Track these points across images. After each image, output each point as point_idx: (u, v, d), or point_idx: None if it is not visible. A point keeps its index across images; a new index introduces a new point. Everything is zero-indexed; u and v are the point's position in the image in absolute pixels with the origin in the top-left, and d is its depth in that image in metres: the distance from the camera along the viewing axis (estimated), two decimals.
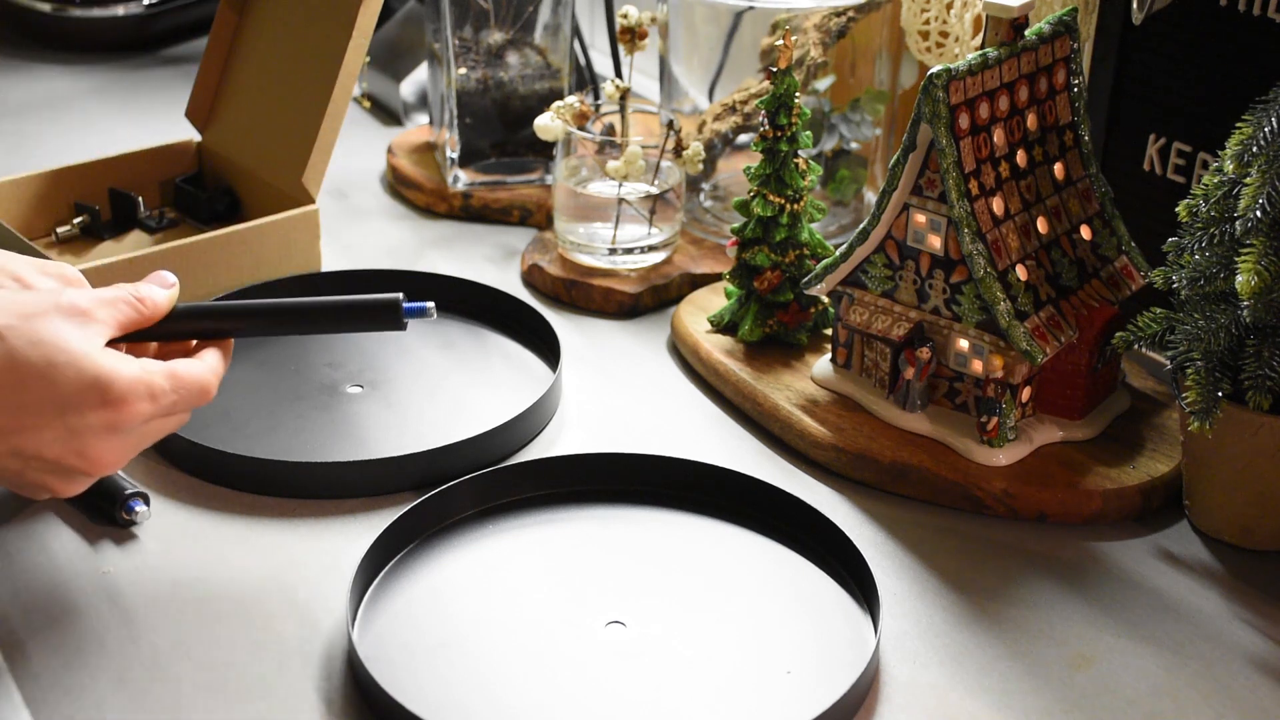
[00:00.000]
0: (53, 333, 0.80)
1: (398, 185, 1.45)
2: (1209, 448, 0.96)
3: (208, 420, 1.06)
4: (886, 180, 1.02)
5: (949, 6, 1.27)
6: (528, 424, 1.06)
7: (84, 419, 0.80)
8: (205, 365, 0.86)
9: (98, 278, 1.14)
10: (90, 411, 0.80)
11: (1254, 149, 0.89)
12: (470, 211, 1.40)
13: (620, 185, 1.26)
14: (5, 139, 1.55)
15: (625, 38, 1.27)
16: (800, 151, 1.12)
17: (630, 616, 0.90)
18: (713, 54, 1.35)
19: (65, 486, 0.84)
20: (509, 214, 1.39)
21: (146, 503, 0.96)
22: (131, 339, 0.88)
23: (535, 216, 1.38)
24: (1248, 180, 0.89)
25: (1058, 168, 1.06)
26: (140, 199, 1.31)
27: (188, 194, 1.33)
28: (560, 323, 1.22)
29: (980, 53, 1.00)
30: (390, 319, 0.91)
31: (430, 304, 0.92)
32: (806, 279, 1.09)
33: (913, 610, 0.92)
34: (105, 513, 0.96)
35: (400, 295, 0.91)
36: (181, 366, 0.85)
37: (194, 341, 0.91)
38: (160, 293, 0.88)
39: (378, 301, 0.91)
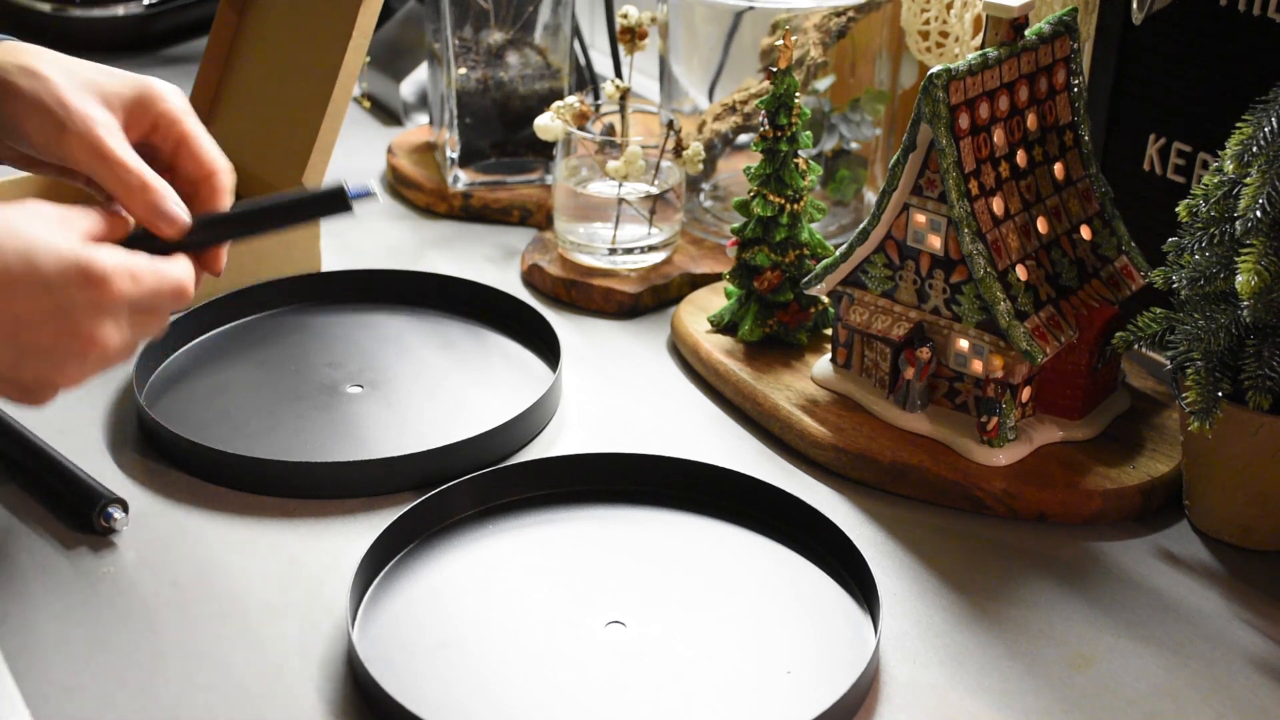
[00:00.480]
0: (30, 228, 0.81)
1: (398, 185, 1.44)
2: (1209, 448, 0.96)
3: (208, 420, 1.06)
4: (886, 180, 1.02)
5: (949, 6, 1.27)
6: (528, 424, 1.06)
7: (70, 297, 0.80)
8: (180, 265, 0.86)
9: None
10: (76, 289, 0.80)
11: (1254, 149, 0.89)
12: (470, 211, 1.40)
13: (620, 185, 1.26)
14: None
15: (625, 38, 1.27)
16: (800, 151, 1.12)
17: (630, 616, 0.90)
18: (713, 54, 1.35)
19: (65, 374, 0.83)
20: (509, 214, 1.39)
21: (125, 510, 0.96)
22: None
23: (535, 216, 1.38)
24: (1248, 180, 0.89)
25: (1058, 168, 1.06)
26: None
27: None
28: (560, 323, 1.22)
29: (980, 53, 1.00)
30: (338, 205, 0.90)
31: (372, 184, 0.91)
32: (806, 279, 1.09)
33: (913, 610, 0.92)
34: (83, 520, 0.96)
35: (343, 181, 0.90)
36: (159, 261, 0.85)
37: None
38: (121, 209, 0.88)
39: (323, 191, 0.91)
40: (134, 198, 0.87)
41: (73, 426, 1.06)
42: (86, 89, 0.91)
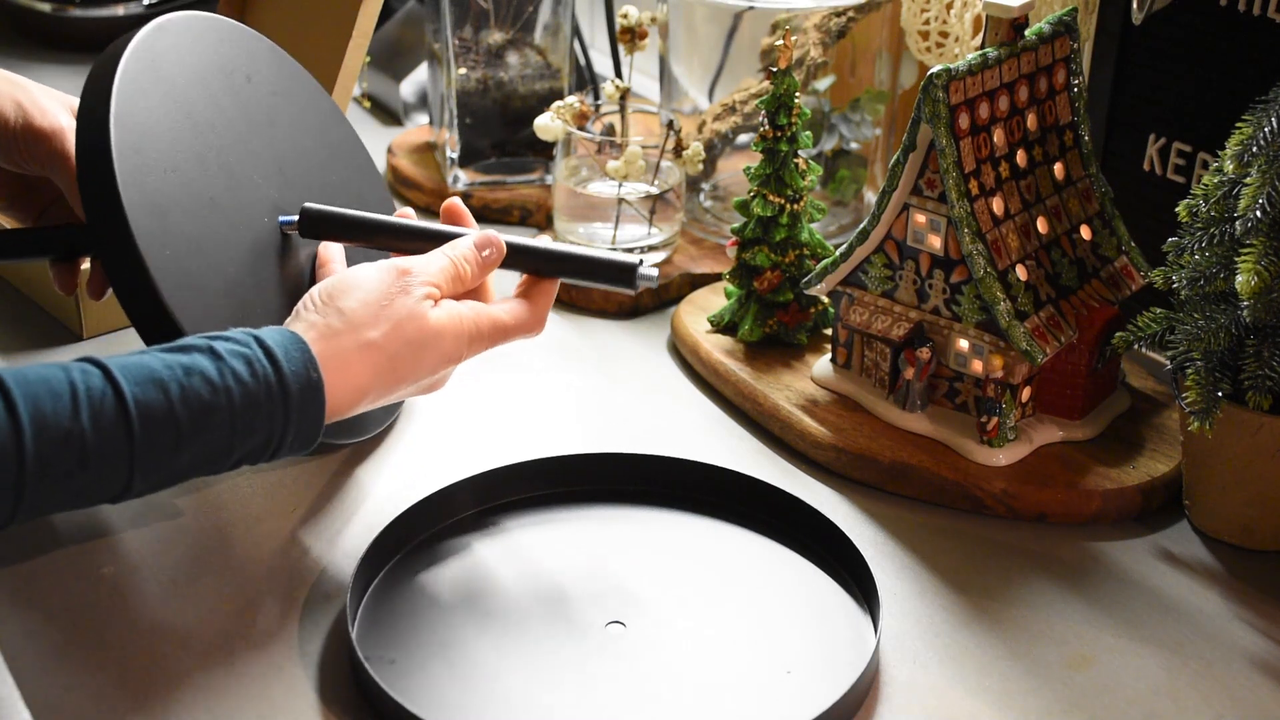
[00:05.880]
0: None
1: (398, 185, 1.44)
2: (1209, 448, 0.96)
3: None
4: (886, 180, 1.02)
5: (949, 6, 1.27)
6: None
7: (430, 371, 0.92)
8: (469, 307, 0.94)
9: None
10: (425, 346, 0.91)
11: (1254, 149, 0.89)
12: (470, 211, 1.40)
13: (620, 185, 1.26)
14: None
15: (625, 38, 1.27)
16: (800, 151, 1.12)
17: (630, 616, 0.90)
18: (713, 54, 1.35)
19: (437, 380, 0.95)
20: (509, 214, 1.39)
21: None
22: None
23: (535, 216, 1.38)
24: (1248, 180, 0.89)
25: (1058, 168, 1.06)
26: None
27: None
28: (560, 323, 1.22)
29: (980, 53, 1.00)
30: (625, 279, 0.97)
31: (656, 273, 0.97)
32: (806, 279, 1.09)
33: (913, 610, 0.92)
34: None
35: (639, 260, 0.97)
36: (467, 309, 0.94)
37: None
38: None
39: (617, 262, 0.97)
40: None
41: None
42: (62, 102, 0.99)
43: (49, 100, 0.99)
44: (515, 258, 0.97)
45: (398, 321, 0.89)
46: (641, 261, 0.97)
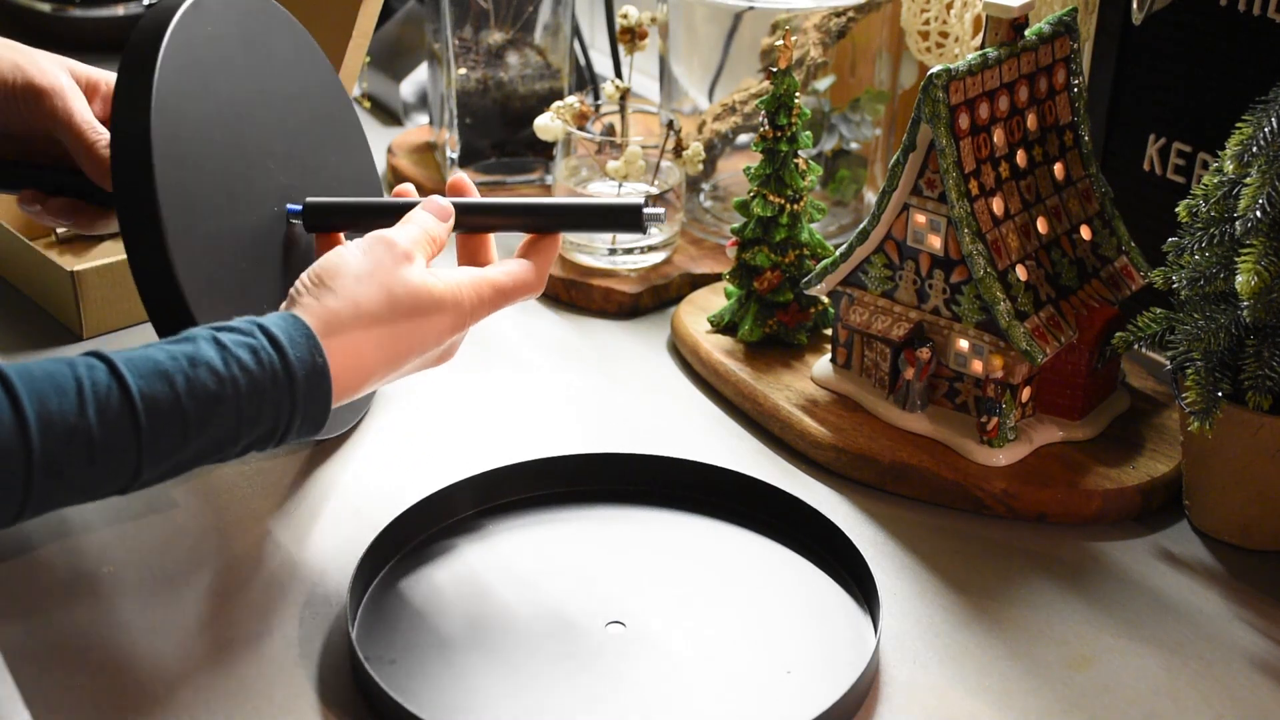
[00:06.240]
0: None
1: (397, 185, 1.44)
2: (1209, 448, 0.96)
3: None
4: (886, 180, 1.02)
5: (949, 6, 1.27)
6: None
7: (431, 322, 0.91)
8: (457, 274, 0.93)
9: (98, 277, 1.15)
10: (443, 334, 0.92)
11: (1254, 149, 0.89)
12: None
13: (620, 185, 1.26)
14: None
15: (625, 38, 1.27)
16: (800, 151, 1.12)
17: (630, 616, 0.90)
18: (713, 54, 1.35)
19: (447, 350, 0.95)
20: None
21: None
22: None
23: None
24: (1248, 180, 0.89)
25: (1058, 168, 1.06)
26: None
27: None
28: (560, 323, 1.22)
29: (980, 53, 1.00)
30: (632, 222, 0.95)
31: (663, 210, 0.96)
32: (806, 279, 1.09)
33: (913, 610, 0.92)
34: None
35: (644, 200, 0.96)
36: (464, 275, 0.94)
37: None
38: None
39: (621, 205, 0.97)
40: (93, 154, 0.98)
41: None
42: (60, 63, 1.01)
43: (47, 61, 1.00)
44: (518, 217, 0.97)
45: (394, 294, 0.88)
46: (647, 201, 0.96)
